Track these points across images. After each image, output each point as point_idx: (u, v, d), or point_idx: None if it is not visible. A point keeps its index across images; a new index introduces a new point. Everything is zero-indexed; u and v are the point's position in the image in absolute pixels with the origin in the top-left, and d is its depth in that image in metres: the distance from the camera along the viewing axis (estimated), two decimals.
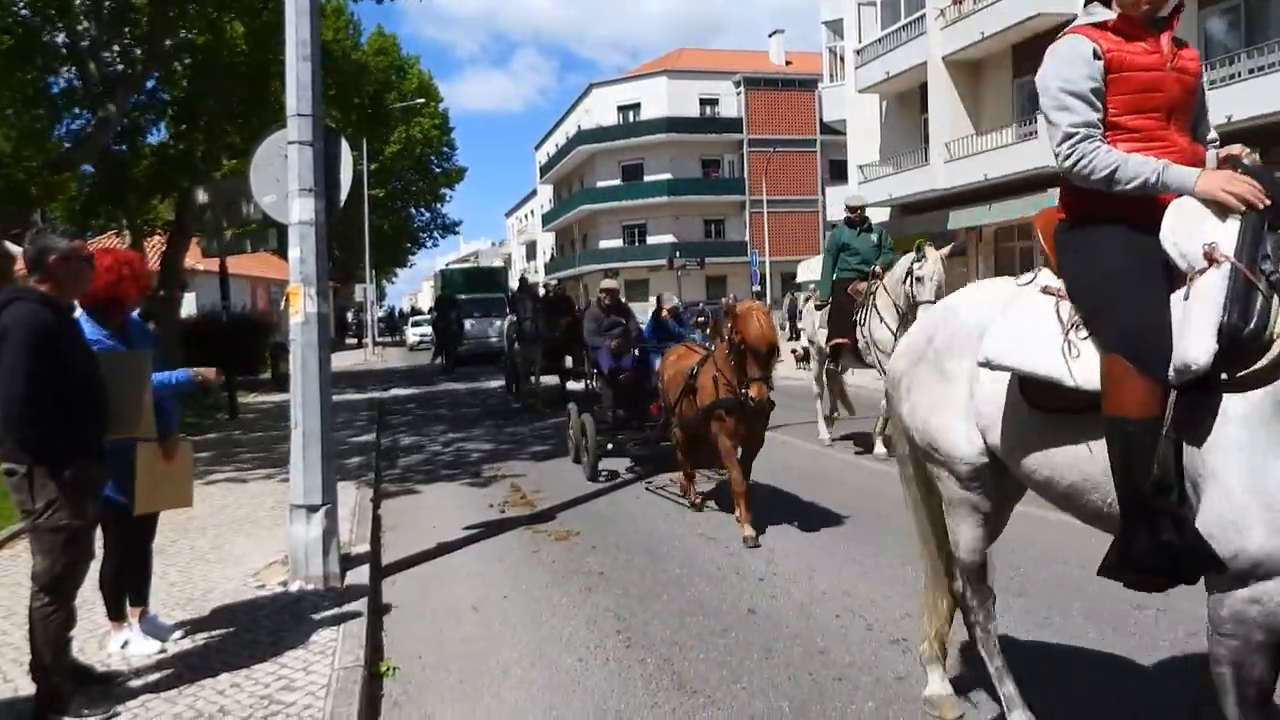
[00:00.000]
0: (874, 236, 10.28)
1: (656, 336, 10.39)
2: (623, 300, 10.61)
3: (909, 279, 8.98)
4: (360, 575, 5.65)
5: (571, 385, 13.09)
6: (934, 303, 7.91)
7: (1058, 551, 5.61)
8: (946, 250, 9.36)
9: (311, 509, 5.51)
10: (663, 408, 8.16)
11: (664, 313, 10.79)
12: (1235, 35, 17.07)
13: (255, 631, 4.73)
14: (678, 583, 5.67)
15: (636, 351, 9.56)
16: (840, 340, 9.88)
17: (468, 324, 26.36)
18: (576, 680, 4.28)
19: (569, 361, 14.24)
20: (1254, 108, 15.17)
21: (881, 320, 9.25)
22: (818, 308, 10.69)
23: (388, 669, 4.45)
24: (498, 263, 60.99)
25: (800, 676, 4.19)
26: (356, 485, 8.54)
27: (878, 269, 9.67)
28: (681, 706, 3.95)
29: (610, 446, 9.08)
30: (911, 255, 9.08)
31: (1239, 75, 16.08)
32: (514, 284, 26.22)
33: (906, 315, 8.88)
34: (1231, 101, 15.56)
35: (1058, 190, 2.96)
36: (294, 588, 5.41)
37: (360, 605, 5.07)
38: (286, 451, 5.81)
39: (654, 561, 6.16)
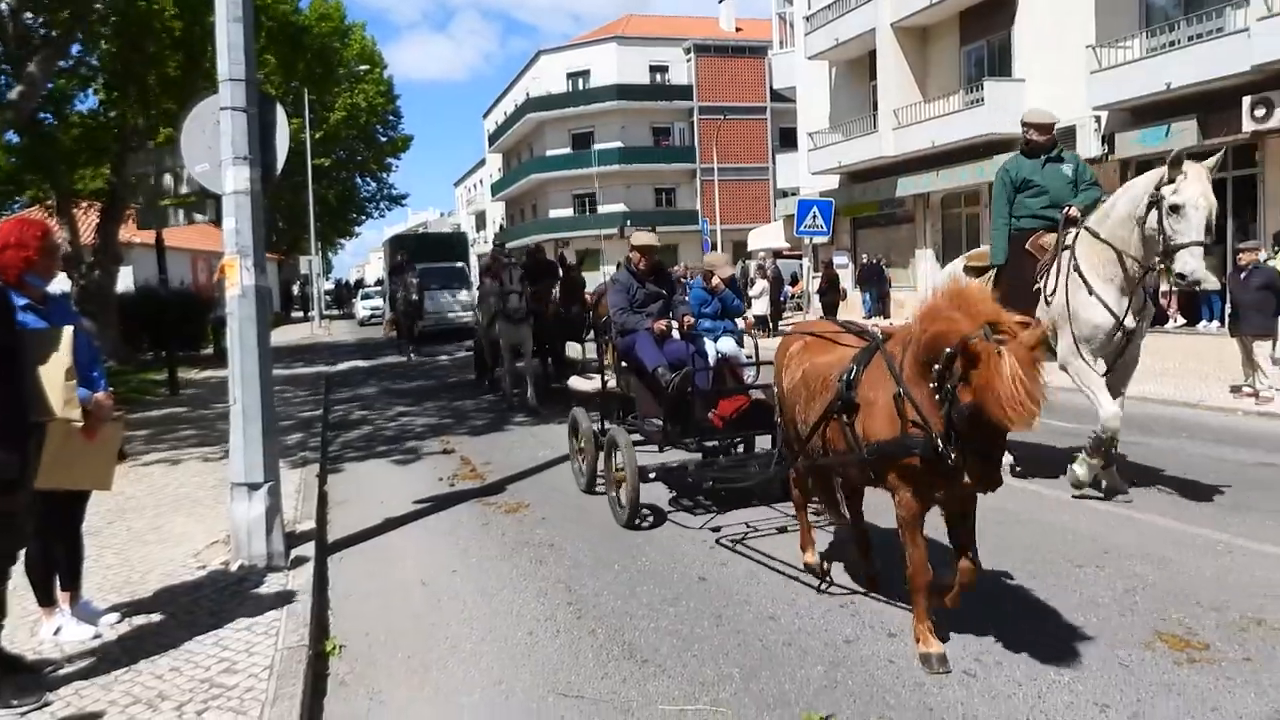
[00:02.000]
0: (1068, 168, 6.84)
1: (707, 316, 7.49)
2: (661, 262, 7.32)
3: (1154, 211, 5.78)
4: (305, 553, 5.54)
5: (579, 384, 8.49)
6: (1205, 246, 5.65)
7: (1000, 511, 5.72)
8: (1213, 162, 5.92)
9: (253, 487, 5.38)
10: (779, 426, 5.18)
11: (715, 282, 7.50)
12: (1175, 2, 17.32)
13: (196, 614, 4.62)
14: (628, 552, 5.65)
15: (676, 334, 6.73)
16: None
17: (428, 297, 23.09)
18: (527, 653, 4.25)
19: (573, 349, 11.57)
20: (1192, 75, 15.42)
21: (1087, 287, 6.13)
22: (975, 271, 7.32)
23: (334, 648, 4.38)
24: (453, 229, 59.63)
25: (750, 642, 4.21)
26: (302, 461, 8.38)
27: (1073, 210, 6.47)
28: (632, 676, 3.95)
29: (654, 476, 6.22)
30: (1159, 173, 5.85)
31: (1179, 42, 16.33)
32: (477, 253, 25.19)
33: (1144, 275, 6.03)
34: (1171, 69, 15.81)
35: (1001, 158, 2.97)
36: (236, 567, 5.29)
37: (305, 583, 4.98)
38: (228, 428, 5.65)
39: (605, 532, 6.14)
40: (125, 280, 22.05)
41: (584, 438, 7.22)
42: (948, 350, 3.38)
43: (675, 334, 6.71)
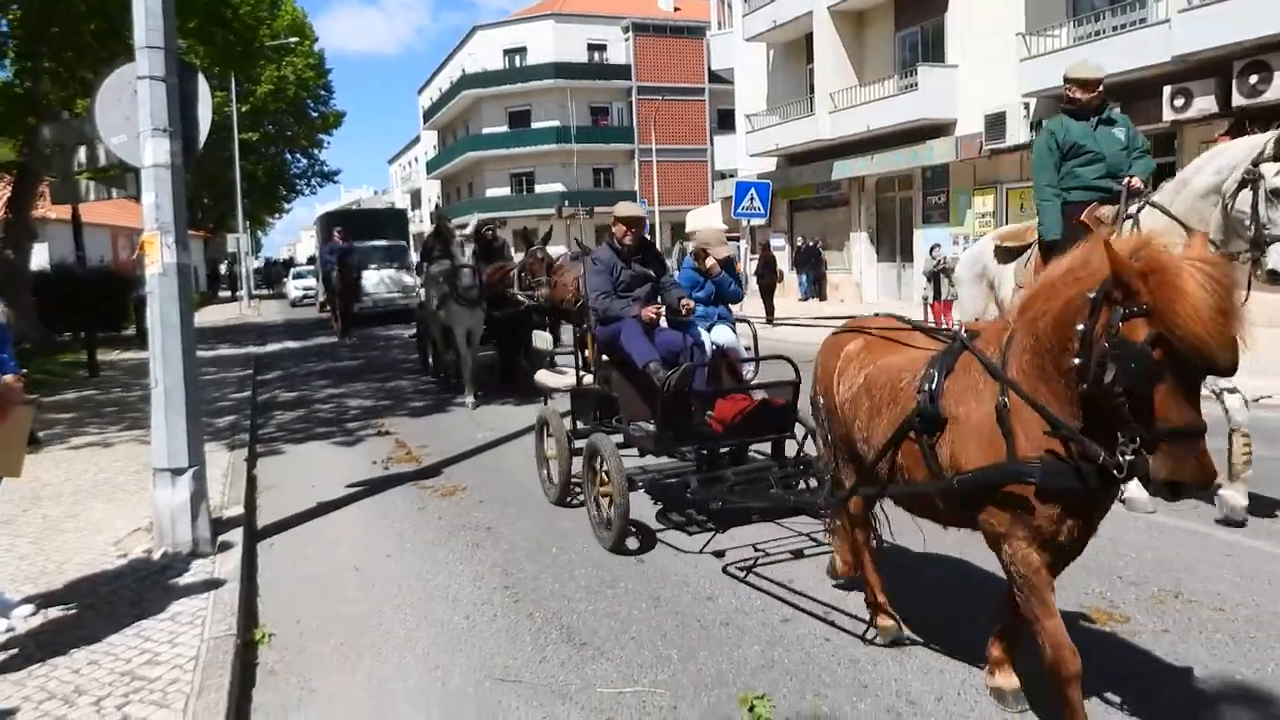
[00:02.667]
0: (1120, 130, 5.94)
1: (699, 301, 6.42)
2: (647, 239, 6.42)
3: (1247, 191, 4.88)
4: (233, 539, 5.39)
5: (548, 379, 7.18)
6: None
7: None
8: None
9: (177, 472, 5.20)
10: (828, 445, 4.07)
11: (710, 263, 6.32)
12: None
13: (116, 604, 4.45)
14: (566, 535, 5.62)
15: (665, 322, 5.86)
16: None
17: (366, 277, 22.33)
18: (463, 638, 4.20)
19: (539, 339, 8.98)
20: (1116, 64, 15.84)
21: None
22: (1007, 252, 6.51)
23: (263, 636, 4.26)
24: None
25: (689, 624, 4.22)
26: (230, 445, 8.15)
27: (1135, 181, 5.63)
28: (571, 659, 3.93)
29: (641, 486, 5.66)
30: (1257, 144, 4.94)
31: (1104, 32, 16.76)
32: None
33: (1242, 256, 4.97)
34: (1097, 57, 16.19)
35: (934, 143, 2.92)
36: (159, 555, 5.12)
37: (232, 571, 4.84)
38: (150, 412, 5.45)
39: (542, 515, 6.10)
40: (40, 258, 21.11)
41: (556, 443, 6.15)
42: (1093, 293, 2.59)
43: (663, 322, 5.79)
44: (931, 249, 17.79)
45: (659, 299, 5.90)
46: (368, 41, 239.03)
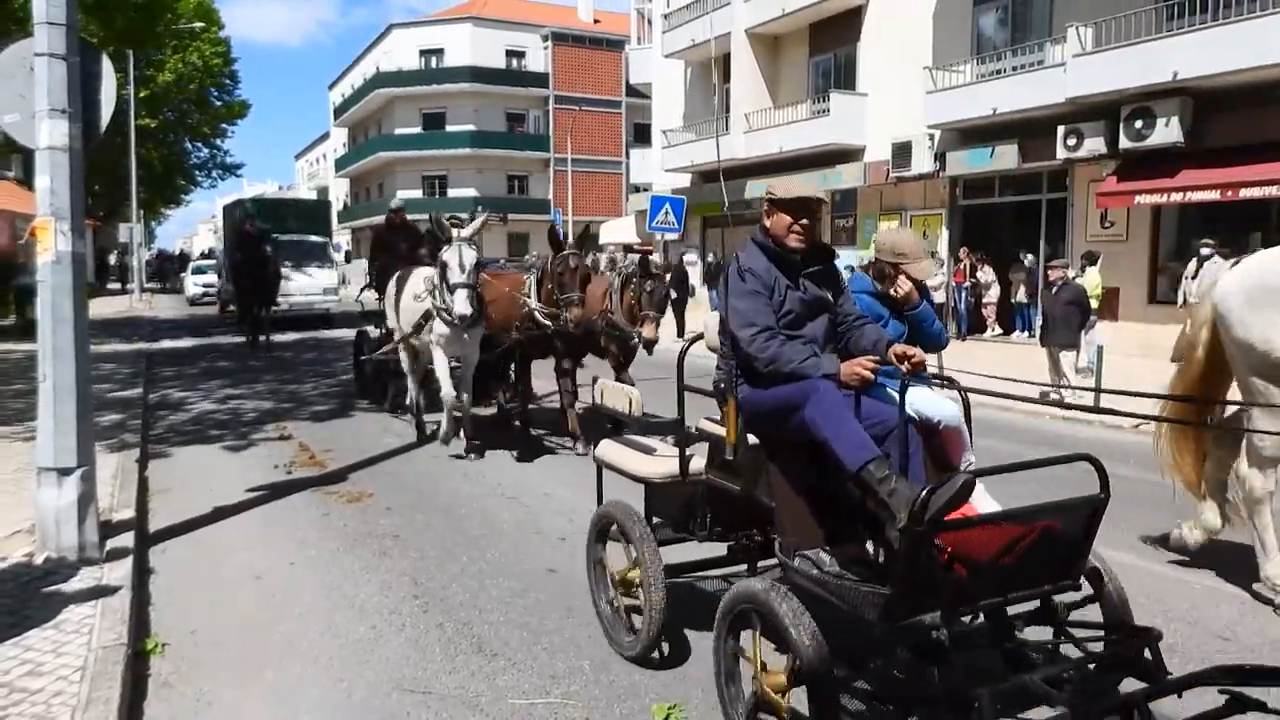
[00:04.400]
0: None
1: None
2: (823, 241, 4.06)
3: None
4: (124, 544, 5.13)
5: (628, 458, 4.18)
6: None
7: None
8: None
9: (64, 472, 4.93)
10: None
11: (906, 288, 4.07)
12: (1003, 34, 18.62)
13: None
14: (477, 544, 5.55)
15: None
16: None
17: (289, 275, 19.88)
18: (370, 649, 4.10)
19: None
20: (1014, 102, 16.63)
21: None
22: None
23: (155, 646, 4.07)
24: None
25: (600, 634, 4.21)
26: (120, 445, 7.76)
27: None
28: (481, 670, 3.88)
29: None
30: None
31: (1004, 71, 17.56)
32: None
33: None
34: (997, 94, 16.99)
35: (843, 167, 3.00)
36: (42, 560, 4.83)
37: (123, 577, 4.60)
38: (32, 407, 5.15)
39: (452, 523, 6.01)
40: None
41: (644, 572, 3.76)
42: None
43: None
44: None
45: (845, 340, 3.58)
46: (271, 33, 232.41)
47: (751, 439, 3.48)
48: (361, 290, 11.77)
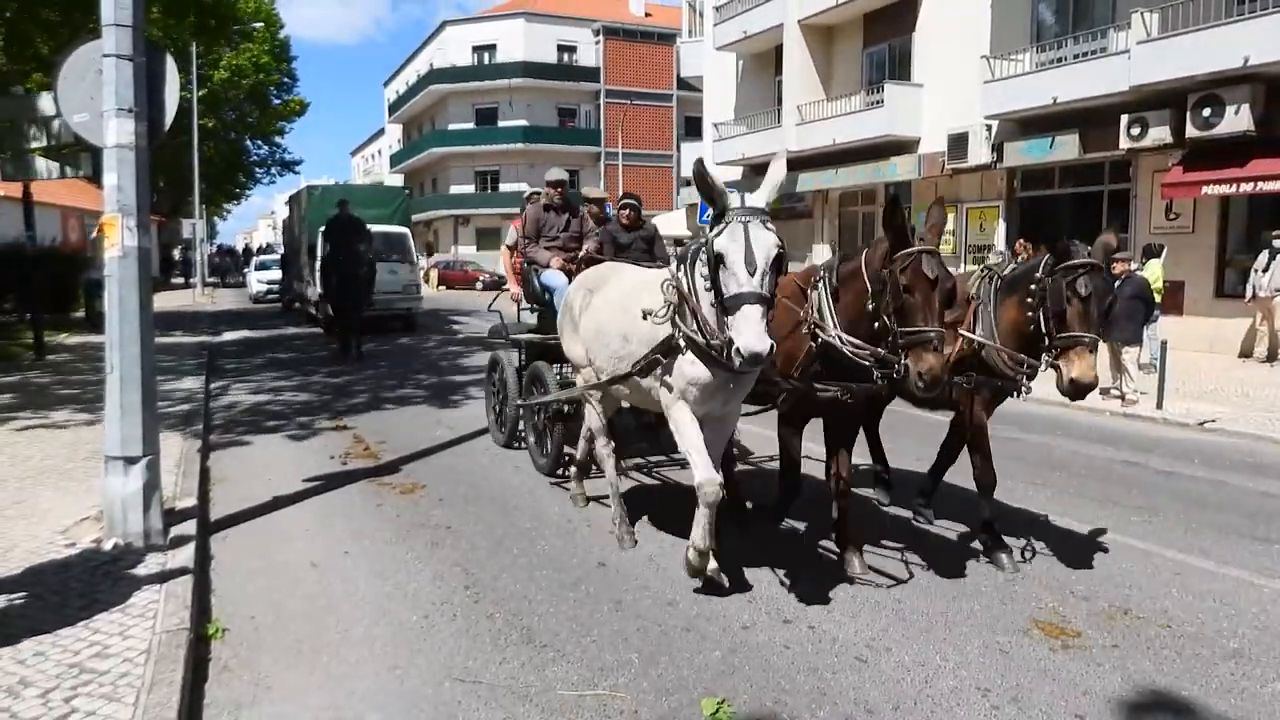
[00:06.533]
0: None
1: None
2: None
3: None
4: (186, 531, 5.27)
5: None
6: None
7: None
8: None
9: (130, 460, 5.07)
10: None
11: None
12: (1063, 21, 18.16)
13: (64, 594, 4.32)
14: (527, 536, 5.60)
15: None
16: None
17: (381, 271, 16.63)
18: (422, 637, 4.16)
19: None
20: (1076, 91, 16.22)
21: None
22: None
23: (216, 631, 4.18)
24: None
25: (649, 628, 4.22)
26: (183, 435, 7.97)
27: None
28: (531, 661, 3.91)
29: None
30: None
31: (1065, 59, 17.13)
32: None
33: None
34: (1057, 84, 16.58)
35: (897, 159, 2.97)
36: (109, 546, 4.98)
37: (185, 563, 4.73)
38: (101, 397, 5.31)
39: (503, 515, 6.07)
40: None
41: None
42: None
43: None
44: None
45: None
46: (325, 30, 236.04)
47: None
48: (494, 298, 8.74)
